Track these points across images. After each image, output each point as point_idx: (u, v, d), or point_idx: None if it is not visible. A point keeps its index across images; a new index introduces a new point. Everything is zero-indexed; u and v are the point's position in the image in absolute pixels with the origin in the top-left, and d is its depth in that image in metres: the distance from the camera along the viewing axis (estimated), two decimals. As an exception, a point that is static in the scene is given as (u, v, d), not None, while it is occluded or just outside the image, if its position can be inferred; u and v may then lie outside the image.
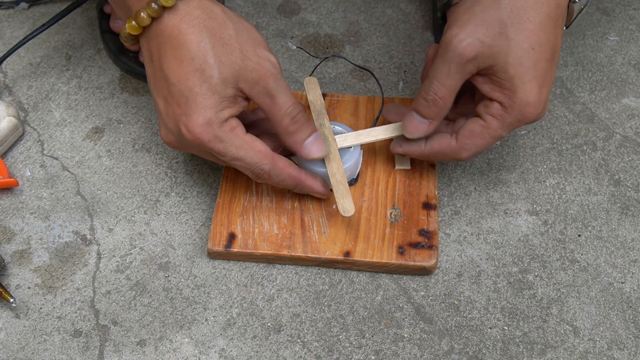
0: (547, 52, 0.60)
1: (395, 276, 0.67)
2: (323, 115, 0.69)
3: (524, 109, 0.60)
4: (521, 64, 0.59)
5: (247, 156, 0.61)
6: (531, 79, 0.59)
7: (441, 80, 0.61)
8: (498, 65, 0.59)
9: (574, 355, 0.63)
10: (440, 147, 0.65)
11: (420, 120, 0.64)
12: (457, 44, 0.59)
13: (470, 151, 0.64)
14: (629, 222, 0.70)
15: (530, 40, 0.59)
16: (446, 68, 0.60)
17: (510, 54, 0.59)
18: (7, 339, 0.64)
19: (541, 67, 0.60)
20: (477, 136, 0.63)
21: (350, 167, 0.68)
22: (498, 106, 0.61)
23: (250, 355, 0.63)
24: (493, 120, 0.62)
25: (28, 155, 0.76)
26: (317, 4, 0.88)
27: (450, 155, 0.65)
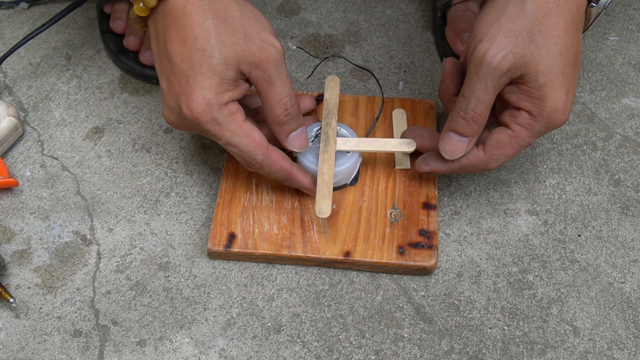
0: (572, 57, 0.60)
1: (395, 276, 0.67)
2: (333, 115, 0.69)
3: (553, 116, 0.60)
4: (551, 72, 0.59)
5: (241, 144, 0.61)
6: (560, 86, 0.59)
7: (479, 97, 0.60)
8: (530, 75, 0.59)
9: (574, 355, 0.63)
10: (468, 161, 0.64)
11: (459, 139, 0.63)
12: (492, 58, 0.58)
13: (499, 161, 0.63)
14: (629, 222, 0.70)
15: (558, 46, 0.59)
16: (482, 84, 0.59)
17: (541, 62, 0.58)
18: (7, 339, 0.64)
19: (568, 73, 0.60)
20: (505, 146, 0.62)
21: (343, 170, 0.67)
22: (526, 115, 0.61)
23: (250, 355, 0.63)
24: (522, 130, 0.61)
25: (28, 155, 0.76)
26: (317, 4, 0.88)
27: (479, 167, 0.64)
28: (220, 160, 0.75)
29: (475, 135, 0.63)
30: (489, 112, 0.61)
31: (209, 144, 0.76)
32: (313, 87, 0.80)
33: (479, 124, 0.62)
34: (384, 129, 0.74)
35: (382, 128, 0.74)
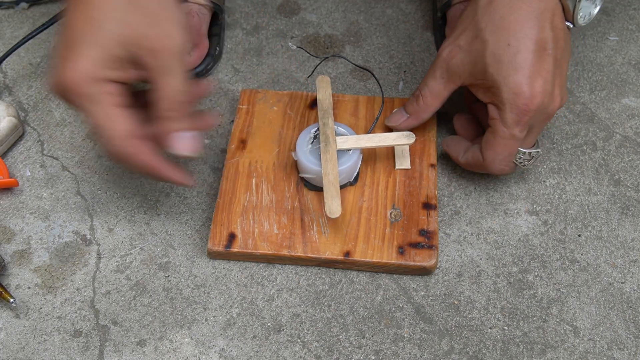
0: (529, 44, 0.61)
1: (395, 276, 0.67)
2: (328, 115, 0.69)
3: (516, 102, 0.61)
4: (498, 61, 0.61)
5: (104, 128, 0.57)
6: (513, 73, 0.61)
7: (427, 81, 0.67)
8: (478, 68, 0.63)
9: (574, 355, 0.63)
10: (473, 161, 0.68)
11: (402, 113, 0.70)
12: (442, 50, 0.65)
13: (494, 161, 0.66)
14: (629, 222, 0.70)
15: (505, 37, 0.61)
16: (432, 70, 0.66)
17: (486, 55, 0.62)
18: (7, 339, 0.64)
19: (524, 59, 0.61)
20: (492, 144, 0.65)
21: (346, 169, 0.68)
22: (493, 108, 0.64)
23: (250, 355, 0.63)
24: (495, 123, 0.64)
25: (28, 155, 0.76)
26: (317, 4, 0.88)
27: (481, 168, 0.68)
28: (220, 160, 0.75)
29: (414, 116, 0.69)
30: (435, 101, 0.67)
31: (208, 144, 0.76)
32: (313, 87, 0.80)
33: (419, 105, 0.68)
34: (384, 129, 0.74)
35: (382, 128, 0.74)
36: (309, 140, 0.69)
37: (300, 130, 0.72)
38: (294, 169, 0.71)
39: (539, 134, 0.67)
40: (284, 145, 0.73)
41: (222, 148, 0.75)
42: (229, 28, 0.86)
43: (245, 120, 0.75)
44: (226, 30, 0.85)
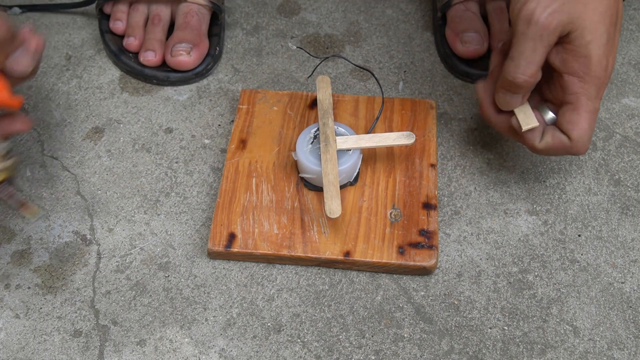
0: (612, 16, 0.60)
1: (395, 276, 0.67)
2: (328, 115, 0.69)
3: (599, 75, 0.60)
4: (597, 29, 0.59)
5: None
6: (603, 44, 0.59)
7: (529, 58, 0.60)
8: (576, 32, 0.59)
9: (574, 355, 0.63)
10: (554, 146, 0.64)
11: (514, 97, 0.64)
12: (539, 16, 0.58)
13: (583, 139, 0.62)
14: (629, 222, 0.70)
15: (603, 4, 0.59)
16: (531, 44, 0.59)
17: (587, 19, 0.58)
18: (7, 339, 0.64)
19: (609, 32, 0.59)
20: (578, 123, 0.61)
21: (346, 169, 0.68)
22: (575, 80, 0.60)
23: (250, 355, 0.63)
24: (579, 97, 0.61)
25: (28, 155, 0.76)
26: (317, 4, 0.88)
27: (567, 151, 0.64)
28: (220, 160, 0.75)
29: (528, 94, 0.63)
30: (540, 71, 0.61)
31: (208, 144, 0.76)
32: (313, 87, 0.80)
33: (529, 85, 0.62)
34: (384, 129, 0.74)
35: (382, 128, 0.74)
36: (309, 140, 0.69)
37: (300, 130, 0.72)
38: (294, 169, 0.71)
39: None
40: (284, 145, 0.73)
41: (222, 148, 0.75)
42: (229, 28, 0.86)
43: (245, 120, 0.75)
44: (226, 30, 0.85)
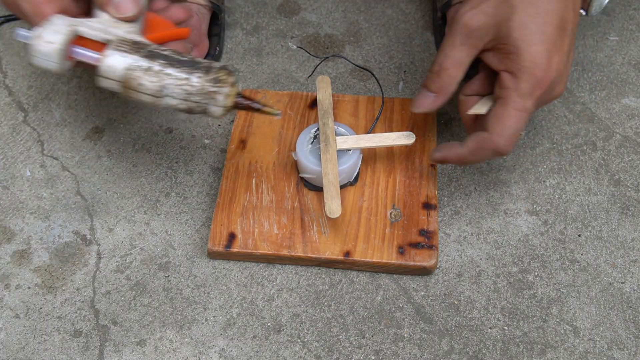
0: (554, 19, 0.60)
1: (395, 276, 0.67)
2: (328, 115, 0.69)
3: (534, 72, 0.60)
4: (524, 27, 0.59)
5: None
6: (537, 42, 0.59)
7: (446, 51, 0.62)
8: (502, 31, 0.60)
9: (574, 355, 0.63)
10: (475, 143, 0.63)
11: (426, 94, 0.65)
12: (462, 15, 0.61)
13: (503, 136, 0.62)
14: (629, 222, 0.70)
15: (534, 5, 0.59)
16: (451, 40, 0.62)
17: (513, 19, 0.59)
18: (7, 339, 0.64)
19: (547, 32, 0.59)
20: (502, 117, 0.61)
21: (346, 169, 0.68)
22: (508, 76, 0.61)
23: (250, 355, 0.63)
24: (509, 92, 0.61)
25: (28, 155, 0.76)
26: (317, 4, 0.88)
27: (488, 147, 0.63)
28: (220, 160, 0.75)
29: (441, 93, 0.64)
30: (458, 72, 0.63)
31: (208, 144, 0.76)
32: (313, 87, 0.80)
33: (442, 79, 0.63)
34: (384, 129, 0.74)
35: (382, 128, 0.74)
36: (309, 140, 0.69)
37: (300, 130, 0.72)
38: (294, 169, 0.71)
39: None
40: (284, 145, 0.73)
41: (222, 148, 0.75)
42: (229, 28, 0.86)
43: (245, 120, 0.75)
44: (226, 30, 0.85)
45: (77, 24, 0.59)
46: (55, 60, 0.58)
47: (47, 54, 0.57)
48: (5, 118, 0.78)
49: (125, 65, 0.58)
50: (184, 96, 0.58)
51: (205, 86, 0.58)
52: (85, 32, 0.59)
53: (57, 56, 0.57)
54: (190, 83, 0.58)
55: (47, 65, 0.58)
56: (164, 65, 0.58)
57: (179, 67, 0.58)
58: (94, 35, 0.59)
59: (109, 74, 0.58)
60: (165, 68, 0.58)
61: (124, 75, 0.58)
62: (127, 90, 0.58)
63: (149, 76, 0.58)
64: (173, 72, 0.58)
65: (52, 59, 0.58)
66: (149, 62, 0.58)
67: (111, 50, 0.58)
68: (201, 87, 0.58)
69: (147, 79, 0.58)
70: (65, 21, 0.58)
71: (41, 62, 0.58)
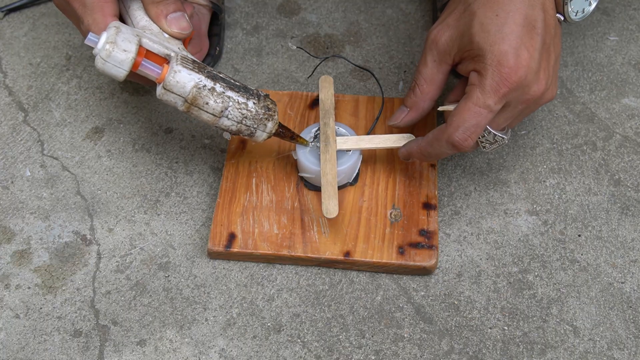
0: (517, 18, 0.60)
1: (395, 276, 0.67)
2: (330, 115, 0.69)
3: (499, 69, 0.59)
4: (485, 30, 0.60)
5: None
6: (499, 41, 0.59)
7: (419, 68, 0.65)
8: (465, 39, 0.61)
9: (574, 355, 0.63)
10: (433, 135, 0.64)
11: (402, 109, 0.68)
12: (430, 32, 0.64)
13: (459, 129, 0.61)
14: (629, 222, 0.70)
15: (493, 8, 0.60)
16: (424, 57, 0.65)
17: (474, 25, 0.60)
18: (7, 339, 0.64)
19: (510, 31, 0.60)
20: (462, 110, 0.61)
21: (345, 169, 0.68)
22: (474, 74, 0.61)
23: (250, 355, 0.63)
24: (472, 89, 0.61)
25: (28, 155, 0.76)
26: (317, 4, 0.88)
27: (443, 138, 0.62)
28: (220, 160, 0.75)
29: (414, 108, 0.66)
30: (432, 88, 0.65)
31: (208, 144, 0.76)
32: (313, 87, 0.80)
33: (416, 94, 0.66)
34: (384, 129, 0.74)
35: (382, 128, 0.74)
36: (310, 139, 0.69)
37: (300, 130, 0.72)
38: (294, 169, 0.71)
39: (515, 119, 0.64)
40: (284, 145, 0.73)
41: (222, 148, 0.75)
42: (229, 28, 0.86)
43: (245, 120, 0.75)
44: (226, 30, 0.85)
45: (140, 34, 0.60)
46: (126, 68, 0.59)
47: (121, 61, 0.58)
48: (5, 118, 0.78)
49: (194, 83, 0.59)
50: (240, 119, 0.61)
51: (259, 112, 0.62)
52: (147, 44, 0.60)
53: (129, 65, 0.59)
54: (248, 108, 0.61)
55: (116, 72, 0.59)
56: (225, 87, 0.61)
57: (238, 92, 0.61)
58: (155, 49, 0.61)
59: (176, 89, 0.60)
60: (226, 90, 0.61)
61: (192, 92, 0.59)
62: (191, 106, 0.60)
63: (215, 96, 0.60)
64: (233, 96, 0.61)
65: (123, 67, 0.59)
66: (212, 83, 0.60)
67: (179, 66, 0.59)
68: (256, 113, 0.62)
69: (213, 98, 0.60)
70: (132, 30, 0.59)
71: (110, 69, 0.59)
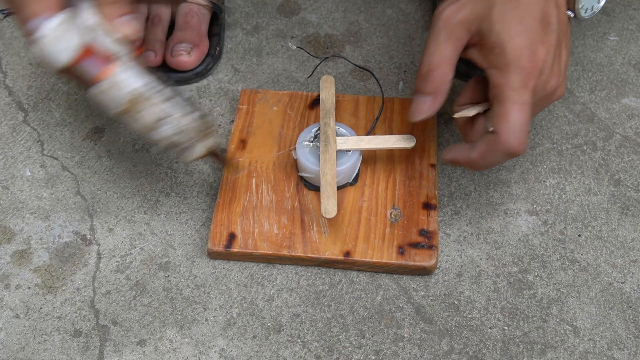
0: (535, 13, 0.59)
1: (395, 276, 0.67)
2: (330, 115, 0.69)
3: (521, 63, 0.58)
4: (505, 20, 0.59)
5: None
6: (518, 34, 0.58)
7: (432, 49, 0.61)
8: (483, 26, 0.59)
9: (574, 355, 0.63)
10: (485, 147, 0.61)
11: (422, 99, 0.63)
12: (442, 11, 0.61)
13: (512, 133, 0.59)
14: (629, 222, 0.70)
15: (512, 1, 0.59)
16: (434, 37, 0.61)
17: (493, 13, 0.59)
18: (7, 339, 0.64)
19: (529, 25, 0.59)
20: (504, 114, 0.59)
21: (345, 170, 0.68)
22: (497, 73, 0.60)
23: (250, 355, 0.63)
24: (502, 89, 0.59)
25: (28, 155, 0.76)
26: (317, 4, 0.88)
27: (498, 149, 0.60)
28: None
29: (437, 93, 0.62)
30: (448, 68, 0.61)
31: (209, 144, 0.76)
32: (313, 87, 0.80)
33: (434, 78, 0.61)
34: (384, 129, 0.74)
35: (382, 128, 0.74)
36: (310, 139, 0.69)
37: (300, 130, 0.72)
38: (294, 169, 0.71)
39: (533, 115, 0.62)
40: (284, 145, 0.73)
41: (222, 148, 0.76)
42: (229, 28, 0.86)
43: (245, 120, 0.75)
44: (226, 30, 0.85)
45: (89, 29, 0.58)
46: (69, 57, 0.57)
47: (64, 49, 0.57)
48: (5, 118, 0.78)
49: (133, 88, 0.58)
50: (180, 129, 0.60)
51: (200, 126, 0.60)
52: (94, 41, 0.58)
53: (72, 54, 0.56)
54: (193, 118, 0.60)
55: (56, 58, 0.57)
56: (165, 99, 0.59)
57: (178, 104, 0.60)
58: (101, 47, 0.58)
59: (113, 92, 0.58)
60: (165, 102, 0.59)
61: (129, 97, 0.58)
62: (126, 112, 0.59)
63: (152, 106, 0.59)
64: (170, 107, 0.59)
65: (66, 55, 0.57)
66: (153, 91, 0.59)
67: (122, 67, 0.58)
68: (198, 125, 0.60)
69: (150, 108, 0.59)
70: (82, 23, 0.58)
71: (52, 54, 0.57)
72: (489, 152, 0.61)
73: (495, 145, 0.60)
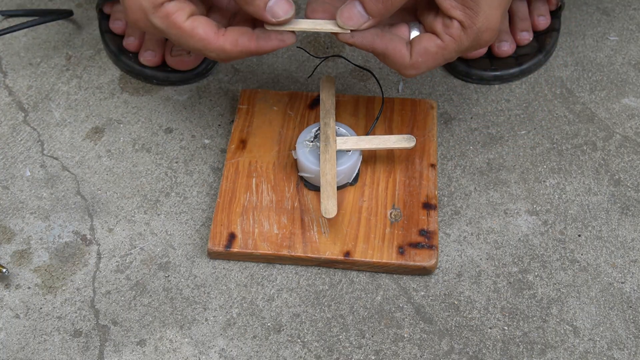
0: None
1: (395, 276, 0.67)
2: (330, 115, 0.69)
3: (482, 35, 0.58)
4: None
5: (189, 44, 0.58)
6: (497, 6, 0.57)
7: None
8: None
9: (574, 355, 0.63)
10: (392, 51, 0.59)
11: (361, 14, 0.58)
12: None
13: (419, 70, 0.59)
14: (629, 222, 0.70)
15: None
16: None
17: None
18: (7, 339, 0.64)
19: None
20: (431, 56, 0.59)
21: (345, 170, 0.68)
22: (458, 26, 0.58)
23: (250, 355, 0.63)
24: (451, 42, 0.58)
25: (28, 155, 0.76)
26: (317, 4, 0.87)
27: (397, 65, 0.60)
28: (220, 160, 0.75)
29: (378, 18, 0.58)
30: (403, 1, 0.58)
31: (208, 144, 0.76)
32: (313, 87, 0.80)
33: (386, 5, 0.57)
34: (384, 129, 0.74)
35: (382, 128, 0.74)
36: (310, 139, 0.69)
37: (300, 130, 0.72)
38: (294, 169, 0.71)
39: None
40: (284, 145, 0.73)
41: (222, 148, 0.75)
42: (229, 28, 0.85)
43: (245, 120, 0.75)
44: (226, 30, 0.85)
45: None
46: None
47: None
48: (5, 118, 0.78)
49: None
50: None
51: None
52: None
53: None
54: None
55: None
56: None
57: None
58: None
59: None
60: None
61: None
62: None
63: None
64: None
65: None
66: None
67: None
68: None
69: None
70: None
71: None
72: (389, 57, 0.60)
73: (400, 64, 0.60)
